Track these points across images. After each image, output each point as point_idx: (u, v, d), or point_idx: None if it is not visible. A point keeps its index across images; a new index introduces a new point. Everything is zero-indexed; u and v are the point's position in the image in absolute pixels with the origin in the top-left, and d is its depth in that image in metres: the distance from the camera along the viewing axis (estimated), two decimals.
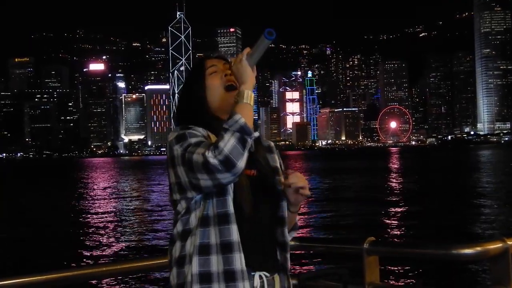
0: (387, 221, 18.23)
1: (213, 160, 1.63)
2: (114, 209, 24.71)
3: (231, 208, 1.72)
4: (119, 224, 19.54)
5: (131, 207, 25.28)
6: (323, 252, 2.52)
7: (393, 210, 21.38)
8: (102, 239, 16.19)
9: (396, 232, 16.10)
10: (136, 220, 20.41)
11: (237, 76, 1.79)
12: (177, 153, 1.73)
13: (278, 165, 1.95)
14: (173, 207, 1.82)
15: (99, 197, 31.98)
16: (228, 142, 1.63)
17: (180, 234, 1.77)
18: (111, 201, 28.89)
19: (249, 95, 1.74)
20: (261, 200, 1.83)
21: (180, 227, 1.77)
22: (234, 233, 1.70)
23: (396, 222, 18.22)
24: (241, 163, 1.65)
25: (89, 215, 22.61)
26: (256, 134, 1.74)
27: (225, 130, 1.66)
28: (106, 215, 22.55)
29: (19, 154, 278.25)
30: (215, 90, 1.87)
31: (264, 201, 1.84)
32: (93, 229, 18.46)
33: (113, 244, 15.31)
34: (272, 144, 2.00)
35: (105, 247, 14.80)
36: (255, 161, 1.87)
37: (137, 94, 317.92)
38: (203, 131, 1.78)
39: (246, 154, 1.66)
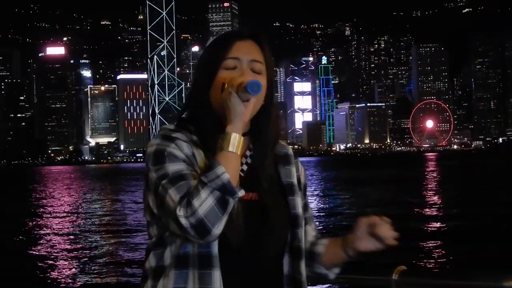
0: (421, 245, 18.22)
1: (184, 221, 1.64)
2: (76, 231, 24.72)
3: (214, 249, 1.73)
4: (82, 250, 19.54)
5: (98, 229, 25.29)
6: (344, 284, 2.58)
7: (428, 231, 21.38)
8: (60, 269, 16.19)
9: (432, 260, 16.08)
10: (104, 246, 20.40)
11: (224, 111, 1.76)
12: (151, 177, 1.76)
13: (295, 180, 1.94)
14: (146, 226, 1.86)
15: (56, 215, 31.99)
16: (205, 203, 1.64)
17: (153, 270, 1.80)
18: (71, 221, 28.91)
19: (236, 142, 1.72)
20: (264, 230, 1.82)
21: (153, 262, 1.80)
22: (216, 281, 1.72)
23: (432, 246, 18.20)
24: (218, 229, 1.65)
25: (43, 238, 22.61)
26: (241, 193, 1.70)
27: (203, 184, 1.66)
28: (65, 237, 22.55)
29: None
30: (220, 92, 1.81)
31: (268, 230, 1.83)
32: (47, 255, 18.45)
33: (75, 276, 15.33)
34: (291, 152, 1.99)
35: (65, 279, 14.80)
36: (256, 180, 1.86)
37: (106, 86, 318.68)
38: (188, 148, 1.78)
39: (225, 219, 1.66)
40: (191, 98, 1.90)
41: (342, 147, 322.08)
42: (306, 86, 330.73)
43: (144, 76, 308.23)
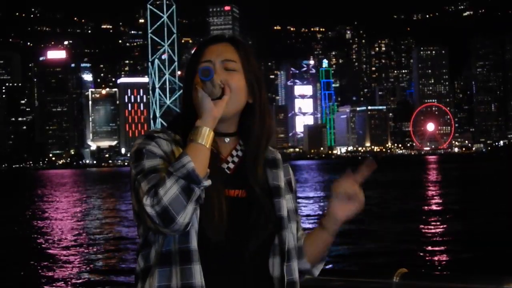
0: (423, 248, 18.21)
1: (150, 210, 1.68)
2: (77, 237, 24.75)
3: (193, 243, 1.76)
4: (83, 256, 19.54)
5: (99, 234, 25.31)
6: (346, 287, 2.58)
7: (429, 234, 21.39)
8: (57, 273, 16.20)
9: (433, 262, 16.08)
10: (106, 251, 20.41)
11: (195, 107, 1.85)
12: (131, 174, 1.82)
13: (282, 184, 1.97)
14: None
15: (58, 220, 32.02)
16: (169, 191, 1.67)
17: (142, 271, 1.84)
18: (73, 226, 28.94)
19: (206, 134, 1.76)
20: (247, 227, 1.85)
21: (142, 263, 1.85)
22: (197, 275, 1.75)
23: (433, 249, 18.19)
24: (182, 218, 1.68)
25: (45, 244, 22.62)
26: (207, 182, 1.74)
27: (169, 174, 1.70)
28: (63, 241, 22.57)
29: None
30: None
31: (254, 229, 1.86)
32: (45, 258, 18.45)
33: (73, 280, 15.34)
34: (279, 156, 2.02)
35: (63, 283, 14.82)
36: (245, 178, 1.90)
37: (107, 89, 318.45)
38: (168, 145, 1.84)
39: (191, 207, 1.70)
40: (182, 102, 1.98)
41: (343, 150, 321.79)
42: (307, 89, 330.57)
43: (145, 79, 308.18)
